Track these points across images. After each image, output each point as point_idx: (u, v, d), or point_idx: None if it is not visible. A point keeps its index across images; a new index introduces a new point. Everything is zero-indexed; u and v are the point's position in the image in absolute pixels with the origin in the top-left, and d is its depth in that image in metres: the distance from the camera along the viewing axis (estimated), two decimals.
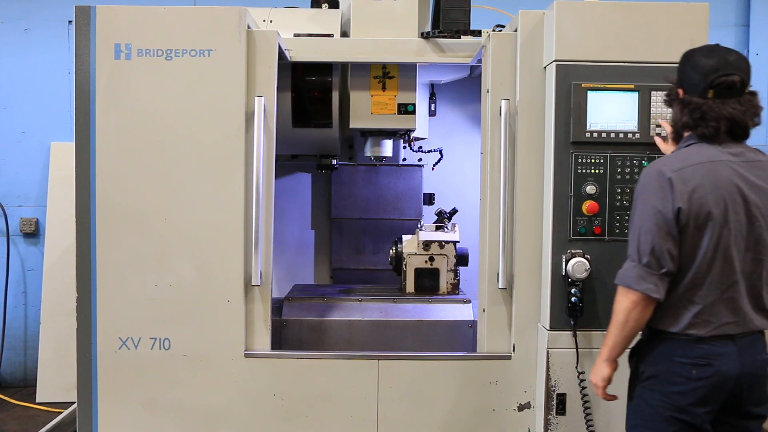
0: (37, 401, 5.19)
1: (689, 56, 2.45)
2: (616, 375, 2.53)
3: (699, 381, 2.33)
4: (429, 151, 4.43)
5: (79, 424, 3.28)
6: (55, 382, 5.18)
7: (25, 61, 5.53)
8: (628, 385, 2.55)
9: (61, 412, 4.57)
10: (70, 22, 5.38)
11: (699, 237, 2.32)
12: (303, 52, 3.49)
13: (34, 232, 5.56)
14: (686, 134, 2.47)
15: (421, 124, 4.07)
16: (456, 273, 3.88)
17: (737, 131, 2.39)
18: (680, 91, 2.45)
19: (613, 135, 3.02)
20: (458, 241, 3.87)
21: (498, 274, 3.18)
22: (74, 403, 3.41)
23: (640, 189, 2.41)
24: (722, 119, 2.34)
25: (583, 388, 3.05)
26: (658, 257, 2.32)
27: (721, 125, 2.35)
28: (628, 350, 2.55)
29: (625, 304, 2.38)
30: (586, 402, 3.05)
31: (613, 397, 2.56)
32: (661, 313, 2.39)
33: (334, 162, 4.26)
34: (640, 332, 2.49)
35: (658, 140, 2.91)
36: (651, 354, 2.44)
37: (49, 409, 5.04)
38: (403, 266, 3.86)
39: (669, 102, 2.53)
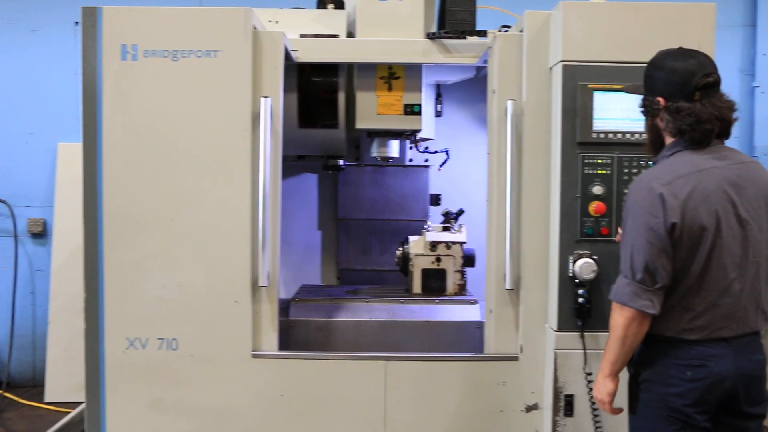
0: (45, 401, 5.21)
1: (661, 63, 2.42)
2: (619, 387, 2.53)
3: (694, 382, 2.33)
4: (435, 152, 4.42)
5: (87, 424, 3.29)
6: (64, 382, 5.20)
7: (32, 61, 5.56)
8: (627, 389, 2.54)
9: (70, 412, 4.58)
10: (76, 23, 5.38)
11: (693, 249, 2.31)
12: (309, 53, 3.50)
13: (41, 233, 5.59)
14: (669, 142, 2.44)
15: (428, 124, 4.06)
16: (463, 274, 3.87)
17: (723, 130, 2.38)
18: (661, 100, 2.40)
19: (620, 135, 3.01)
20: (465, 242, 3.86)
21: (505, 274, 3.17)
22: (82, 403, 3.42)
23: (631, 204, 2.38)
24: (714, 120, 2.33)
25: (591, 389, 3.04)
26: (652, 273, 2.31)
27: (714, 126, 2.33)
28: None
29: (621, 320, 2.37)
30: (593, 403, 3.04)
31: (619, 410, 2.56)
32: (657, 318, 2.39)
33: (341, 163, 4.27)
34: None
35: None
36: (647, 357, 2.45)
37: (58, 408, 5.06)
38: (410, 267, 3.85)
39: (650, 113, 2.47)
